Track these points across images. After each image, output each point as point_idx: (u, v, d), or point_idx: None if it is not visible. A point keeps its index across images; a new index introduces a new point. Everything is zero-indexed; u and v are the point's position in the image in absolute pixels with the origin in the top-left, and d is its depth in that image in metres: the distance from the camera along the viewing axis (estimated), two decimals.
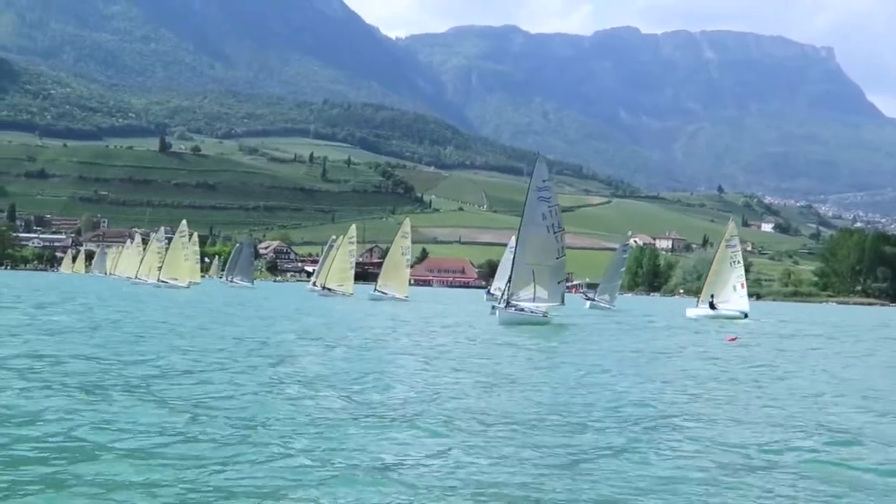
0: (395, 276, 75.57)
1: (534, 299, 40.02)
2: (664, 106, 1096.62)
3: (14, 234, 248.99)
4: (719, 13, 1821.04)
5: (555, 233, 40.15)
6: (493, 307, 50.32)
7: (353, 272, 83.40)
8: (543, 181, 40.81)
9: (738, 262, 63.13)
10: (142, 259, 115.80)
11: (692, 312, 61.56)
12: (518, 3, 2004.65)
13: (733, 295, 62.38)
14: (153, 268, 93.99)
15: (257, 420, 11.90)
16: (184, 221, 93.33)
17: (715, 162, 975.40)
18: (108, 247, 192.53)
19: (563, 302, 41.69)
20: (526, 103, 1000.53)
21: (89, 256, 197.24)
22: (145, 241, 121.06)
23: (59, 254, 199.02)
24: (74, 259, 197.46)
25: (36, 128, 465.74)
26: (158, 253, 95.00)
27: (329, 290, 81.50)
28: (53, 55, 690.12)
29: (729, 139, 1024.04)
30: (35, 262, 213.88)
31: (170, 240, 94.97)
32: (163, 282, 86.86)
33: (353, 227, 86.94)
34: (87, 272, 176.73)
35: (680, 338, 37.78)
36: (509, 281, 41.53)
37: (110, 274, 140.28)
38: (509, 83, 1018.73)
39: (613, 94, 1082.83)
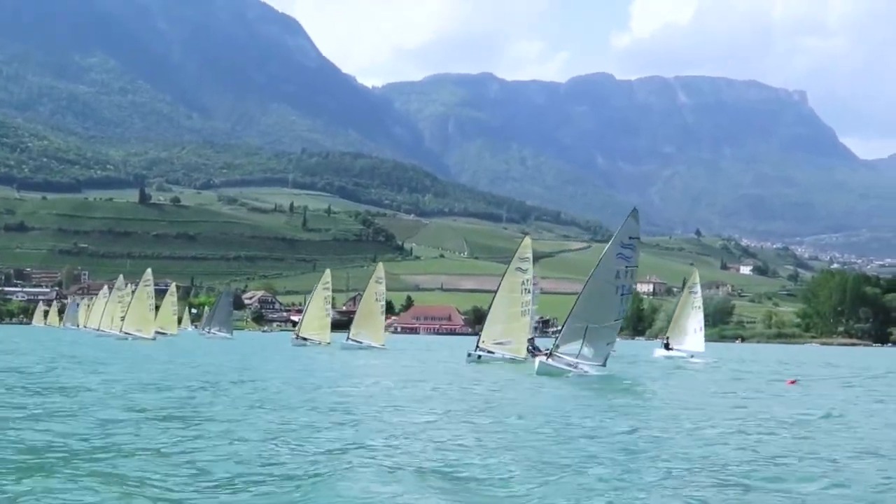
0: (370, 324, 72.77)
1: (578, 355, 37.34)
2: (640, 150, 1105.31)
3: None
4: (693, 58, 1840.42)
5: (622, 295, 37.20)
6: (469, 353, 51.27)
7: (329, 320, 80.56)
8: (630, 238, 37.32)
9: (699, 308, 69.81)
10: (103, 310, 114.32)
11: (658, 353, 66.94)
12: (493, 52, 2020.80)
13: (692, 337, 69.13)
14: (116, 318, 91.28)
15: None
16: (148, 270, 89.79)
17: (691, 205, 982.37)
18: (82, 298, 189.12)
19: (605, 364, 38.54)
20: (503, 150, 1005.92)
21: (63, 309, 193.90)
22: None
23: (44, 307, 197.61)
24: (47, 312, 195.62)
25: (13, 181, 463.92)
26: (120, 303, 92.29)
27: (305, 339, 78.31)
28: (30, 108, 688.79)
29: (704, 182, 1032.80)
30: (21, 315, 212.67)
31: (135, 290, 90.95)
32: (127, 333, 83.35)
33: (328, 272, 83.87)
34: (60, 325, 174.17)
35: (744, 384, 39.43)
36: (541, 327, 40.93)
37: (85, 326, 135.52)
38: (486, 130, 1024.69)
39: (589, 140, 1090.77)
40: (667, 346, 68.39)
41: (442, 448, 15.55)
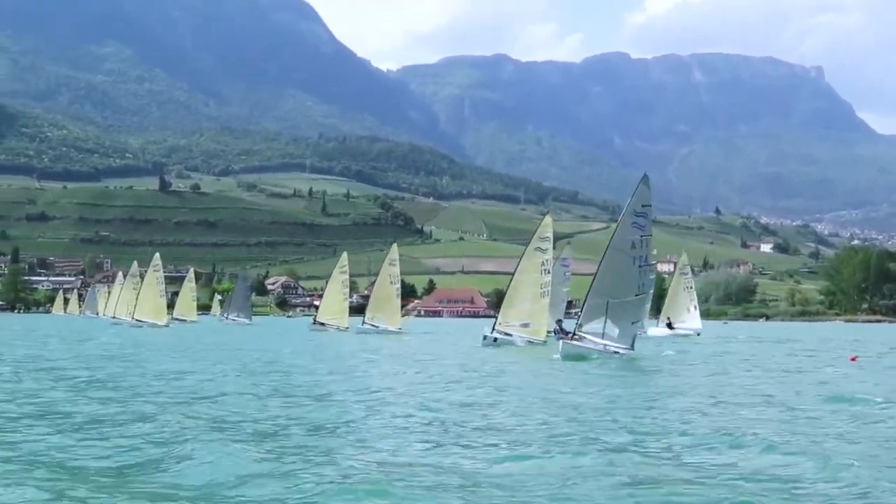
0: (385, 307, 70.33)
1: (602, 335, 35.49)
2: (656, 129, 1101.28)
3: (24, 278, 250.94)
4: (708, 36, 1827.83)
5: (640, 266, 35.49)
6: (485, 336, 49.42)
7: (347, 304, 77.98)
8: (643, 206, 35.83)
9: (691, 287, 76.37)
10: (118, 297, 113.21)
11: (653, 331, 67.07)
12: (507, 34, 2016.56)
13: (688, 315, 74.13)
14: (130, 305, 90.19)
15: None
16: (157, 255, 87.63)
17: (709, 183, 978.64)
18: (101, 287, 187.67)
19: (633, 346, 36.37)
20: (519, 131, 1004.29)
21: (83, 297, 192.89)
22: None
23: (67, 296, 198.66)
24: (67, 300, 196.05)
25: (34, 171, 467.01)
26: (134, 290, 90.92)
27: (322, 324, 76.12)
28: (48, 98, 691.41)
29: (722, 160, 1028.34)
30: (47, 304, 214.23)
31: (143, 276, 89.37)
32: (139, 321, 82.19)
33: (345, 255, 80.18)
34: (80, 313, 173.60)
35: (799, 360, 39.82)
36: (569, 309, 39.83)
37: (104, 314, 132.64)
38: (502, 111, 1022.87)
39: (605, 120, 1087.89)
40: (669, 326, 71.18)
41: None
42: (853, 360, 37.11)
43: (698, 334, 69.57)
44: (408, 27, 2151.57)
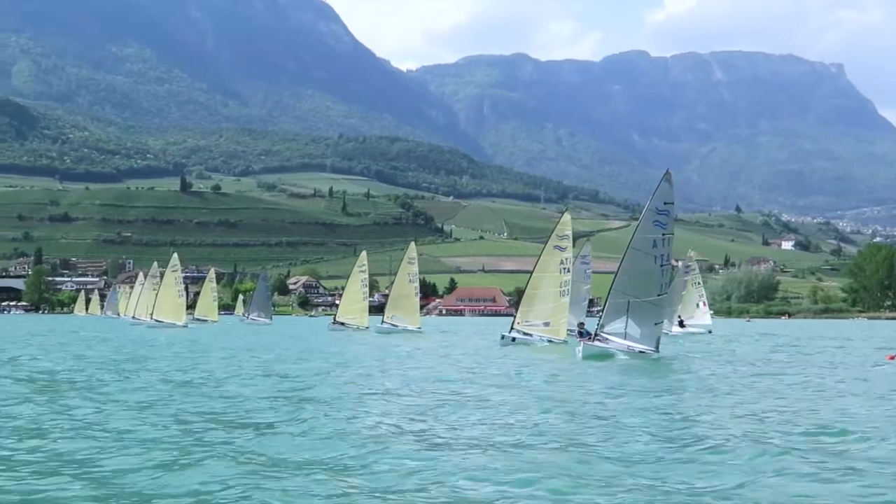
0: (404, 306, 69.50)
1: (625, 335, 34.76)
2: (676, 128, 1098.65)
3: (48, 279, 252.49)
4: (728, 34, 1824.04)
5: (661, 266, 34.62)
6: (503, 336, 48.93)
7: (366, 303, 76.56)
8: (665, 203, 34.73)
9: (699, 283, 76.29)
10: (138, 298, 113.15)
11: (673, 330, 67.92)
12: (527, 32, 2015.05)
13: (697, 312, 74.39)
14: (149, 306, 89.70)
15: None
16: (174, 255, 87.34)
17: (729, 181, 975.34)
18: (122, 287, 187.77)
19: (657, 347, 35.21)
20: (538, 130, 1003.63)
21: (104, 297, 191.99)
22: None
23: (90, 296, 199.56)
24: (88, 301, 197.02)
25: (56, 172, 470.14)
26: (154, 290, 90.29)
27: (342, 324, 74.90)
28: (69, 99, 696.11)
29: (742, 158, 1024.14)
30: (71, 305, 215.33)
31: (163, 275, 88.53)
32: (157, 321, 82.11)
33: (363, 254, 78.89)
34: (101, 313, 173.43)
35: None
36: (591, 309, 39.10)
37: (125, 314, 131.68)
38: (521, 111, 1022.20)
39: (625, 118, 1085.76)
40: (681, 324, 69.73)
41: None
42: (891, 358, 36.43)
43: (709, 332, 68.84)
44: (427, 26, 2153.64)
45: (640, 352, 34.74)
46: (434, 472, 11.45)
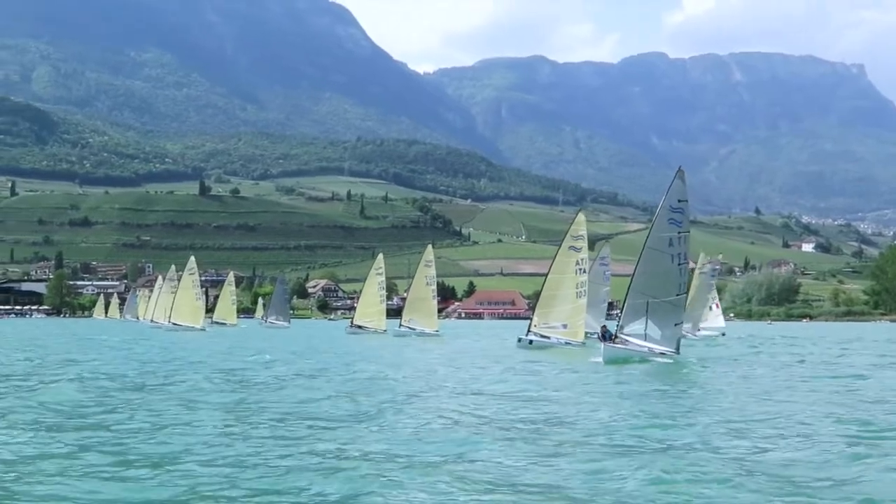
0: (421, 309, 69.21)
1: (644, 337, 34.39)
2: (695, 130, 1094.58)
3: (69, 283, 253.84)
4: (747, 35, 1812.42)
5: (679, 265, 34.31)
6: (520, 339, 48.78)
7: (384, 306, 76.79)
8: (679, 201, 34.57)
9: (711, 285, 74.73)
10: (156, 301, 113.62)
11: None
12: (543, 35, 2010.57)
13: (710, 314, 73.37)
14: (167, 309, 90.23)
15: None
16: (191, 259, 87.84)
17: (749, 183, 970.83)
18: (141, 290, 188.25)
19: (678, 349, 34.93)
20: (556, 133, 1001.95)
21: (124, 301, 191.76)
22: None
23: (111, 300, 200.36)
24: (108, 305, 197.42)
25: (76, 176, 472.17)
26: (172, 293, 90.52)
27: (360, 327, 74.89)
28: (89, 104, 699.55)
29: (762, 160, 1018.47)
30: (92, 309, 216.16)
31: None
32: (175, 324, 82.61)
33: (380, 257, 79.52)
34: (120, 317, 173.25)
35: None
36: (610, 310, 38.91)
37: (143, 318, 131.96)
38: (539, 113, 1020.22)
39: (644, 120, 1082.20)
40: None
41: None
42: None
43: (723, 335, 68.59)
44: (444, 29, 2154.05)
45: (661, 354, 34.31)
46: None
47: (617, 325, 35.70)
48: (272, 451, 13.31)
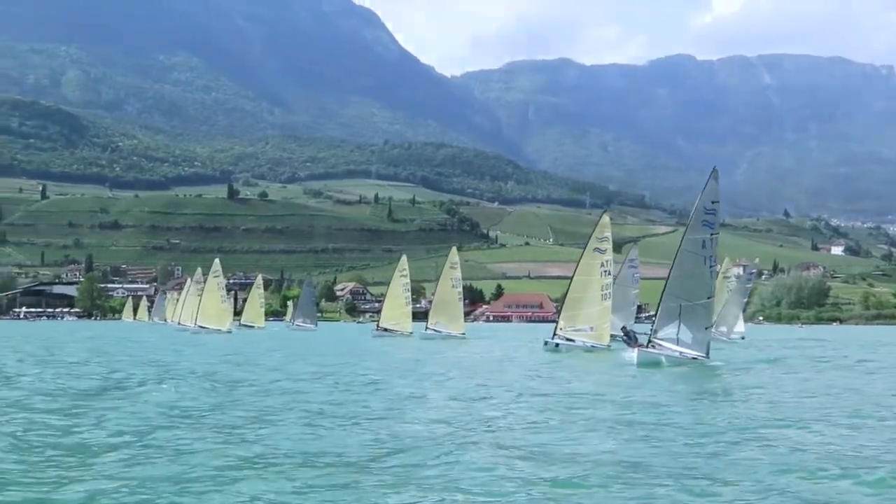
0: (447, 311, 69.01)
1: (677, 341, 34.14)
2: (722, 132, 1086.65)
3: (99, 286, 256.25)
4: (775, 37, 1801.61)
5: (710, 267, 34.17)
6: (546, 342, 48.72)
7: (409, 308, 75.92)
8: (712, 202, 34.30)
9: (733, 289, 75.14)
10: (183, 304, 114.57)
11: None
12: (570, 37, 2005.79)
13: (735, 321, 72.78)
14: (193, 312, 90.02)
15: None
16: (216, 261, 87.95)
17: (777, 186, 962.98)
18: (169, 293, 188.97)
19: (708, 353, 34.67)
20: (583, 135, 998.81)
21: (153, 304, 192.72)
22: None
23: (140, 303, 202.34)
24: (136, 307, 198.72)
25: (106, 180, 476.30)
26: (198, 296, 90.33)
27: (386, 330, 74.36)
28: (118, 108, 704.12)
29: (790, 163, 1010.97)
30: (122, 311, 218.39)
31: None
32: (201, 327, 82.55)
33: (404, 258, 78.39)
34: (148, 319, 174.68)
35: None
36: (639, 313, 38.70)
37: (171, 320, 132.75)
38: (566, 116, 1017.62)
39: (671, 123, 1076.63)
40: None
41: None
42: None
43: (742, 338, 68.88)
44: (470, 31, 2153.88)
45: (693, 358, 34.18)
46: None
47: (651, 329, 35.59)
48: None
